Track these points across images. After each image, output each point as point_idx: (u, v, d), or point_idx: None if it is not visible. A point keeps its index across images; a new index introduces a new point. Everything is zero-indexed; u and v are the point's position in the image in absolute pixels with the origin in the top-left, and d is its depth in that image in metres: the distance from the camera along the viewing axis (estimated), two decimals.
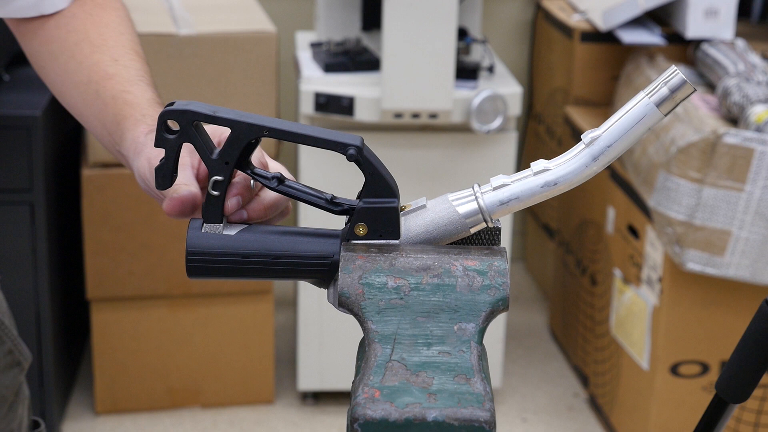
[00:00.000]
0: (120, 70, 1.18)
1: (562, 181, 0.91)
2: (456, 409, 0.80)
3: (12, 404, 1.34)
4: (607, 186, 2.92)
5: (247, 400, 3.06)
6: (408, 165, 2.81)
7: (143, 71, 1.19)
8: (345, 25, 2.95)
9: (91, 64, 1.19)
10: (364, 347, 0.86)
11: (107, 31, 1.23)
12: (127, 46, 1.22)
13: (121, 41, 1.22)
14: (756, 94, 2.55)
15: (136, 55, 1.22)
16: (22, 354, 1.34)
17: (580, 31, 3.16)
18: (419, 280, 0.87)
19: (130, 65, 1.19)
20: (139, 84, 1.16)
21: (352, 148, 0.90)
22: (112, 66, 1.18)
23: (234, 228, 0.93)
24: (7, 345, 1.31)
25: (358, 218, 0.91)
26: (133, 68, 1.19)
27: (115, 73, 1.17)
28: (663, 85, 0.88)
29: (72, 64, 1.21)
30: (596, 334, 3.04)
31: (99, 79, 1.17)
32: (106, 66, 1.18)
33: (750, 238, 2.48)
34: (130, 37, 1.24)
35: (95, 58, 1.20)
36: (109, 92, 1.15)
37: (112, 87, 1.16)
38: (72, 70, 1.21)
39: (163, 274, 2.90)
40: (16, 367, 1.33)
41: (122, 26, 1.25)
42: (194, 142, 0.92)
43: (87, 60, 1.20)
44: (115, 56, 1.20)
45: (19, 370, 1.34)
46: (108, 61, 1.19)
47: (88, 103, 1.18)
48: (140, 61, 1.21)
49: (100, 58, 1.20)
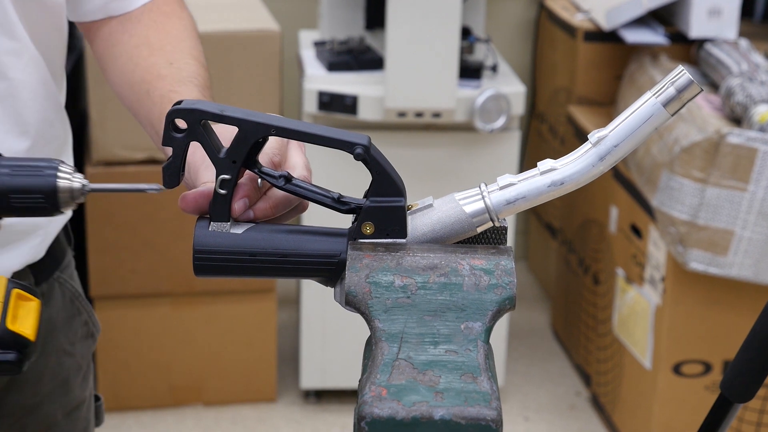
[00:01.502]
0: (173, 71, 1.20)
1: (568, 181, 0.91)
2: (463, 408, 0.80)
3: (85, 374, 1.40)
4: (610, 185, 2.92)
5: (250, 398, 3.06)
6: (411, 164, 2.82)
7: (197, 74, 1.21)
8: (348, 24, 2.95)
9: (147, 66, 1.22)
10: (371, 346, 0.86)
11: (168, 37, 1.27)
12: (185, 51, 1.25)
13: (180, 47, 1.25)
14: (759, 93, 2.55)
15: (194, 59, 1.24)
16: (95, 326, 1.42)
17: (583, 30, 3.16)
18: (426, 278, 0.87)
19: (183, 68, 1.21)
20: (187, 84, 1.18)
21: (359, 147, 0.90)
22: (165, 68, 1.21)
23: (241, 226, 0.93)
24: (83, 316, 1.39)
25: (365, 217, 0.91)
26: (186, 71, 1.21)
27: (167, 74, 1.20)
28: (670, 85, 0.88)
29: (130, 65, 1.24)
30: (599, 333, 3.04)
31: (151, 79, 1.20)
32: (160, 68, 1.21)
33: (753, 237, 2.48)
34: (190, 44, 1.27)
35: (152, 60, 1.23)
36: (158, 91, 1.18)
37: (161, 86, 1.18)
38: (129, 70, 1.24)
39: (165, 272, 2.90)
40: (90, 338, 1.41)
41: (184, 33, 1.28)
42: (202, 141, 0.92)
43: (144, 62, 1.23)
44: (171, 60, 1.23)
45: (92, 341, 1.41)
46: (163, 63, 1.22)
47: (140, 102, 1.21)
48: (196, 66, 1.23)
49: (156, 60, 1.23)
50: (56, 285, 1.35)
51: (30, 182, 0.91)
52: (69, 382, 1.37)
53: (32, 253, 1.28)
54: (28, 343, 0.98)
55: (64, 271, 1.36)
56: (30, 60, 1.21)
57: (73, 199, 0.92)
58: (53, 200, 0.91)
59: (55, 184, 0.91)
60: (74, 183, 0.91)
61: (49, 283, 1.33)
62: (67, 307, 1.36)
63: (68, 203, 0.92)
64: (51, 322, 1.33)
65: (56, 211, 0.92)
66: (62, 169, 0.91)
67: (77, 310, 1.38)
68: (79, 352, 1.38)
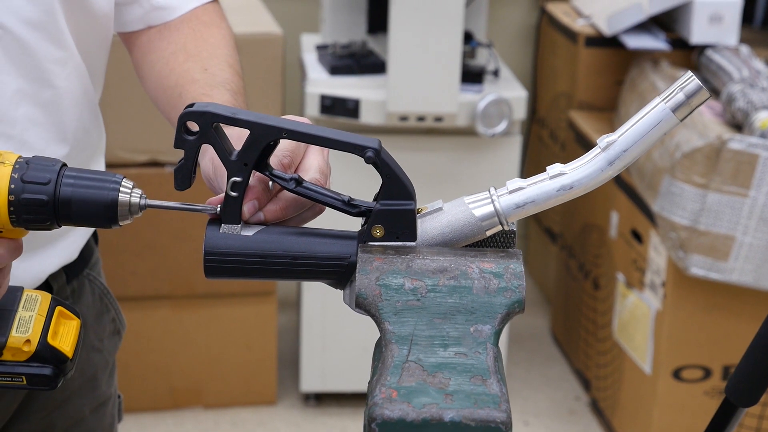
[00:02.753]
0: (206, 76, 1.22)
1: (578, 185, 0.92)
2: (473, 410, 0.81)
3: (111, 370, 1.42)
4: (611, 190, 2.93)
5: (250, 401, 3.07)
6: (413, 168, 2.81)
7: (230, 81, 1.23)
8: (351, 28, 2.96)
9: (181, 71, 1.24)
10: (381, 348, 0.86)
11: (205, 44, 1.29)
12: (221, 58, 1.27)
13: (216, 54, 1.27)
14: (760, 99, 2.56)
15: (229, 67, 1.26)
16: (122, 323, 1.44)
17: (584, 35, 3.17)
18: (436, 281, 0.88)
19: (217, 74, 1.23)
20: (219, 89, 1.20)
21: (370, 151, 0.90)
22: (200, 73, 1.23)
23: (252, 229, 0.94)
24: (111, 313, 1.42)
25: (375, 220, 0.92)
26: (219, 76, 1.23)
27: (200, 78, 1.22)
28: (679, 90, 0.89)
29: (165, 71, 1.26)
30: (598, 338, 3.05)
31: (185, 83, 1.22)
32: (194, 73, 1.23)
33: (754, 243, 2.49)
34: (226, 51, 1.29)
35: (187, 65, 1.25)
36: (191, 95, 1.19)
37: (194, 90, 1.20)
38: (165, 75, 1.26)
39: (166, 275, 2.90)
40: (117, 335, 1.43)
41: (221, 42, 1.30)
42: (213, 144, 0.92)
43: (179, 68, 1.25)
44: (206, 66, 1.25)
45: (118, 338, 1.44)
46: (197, 69, 1.24)
47: (172, 106, 1.23)
48: (231, 72, 1.25)
49: (192, 66, 1.25)
50: (86, 282, 1.37)
51: (93, 194, 0.94)
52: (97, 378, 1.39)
53: (67, 255, 1.30)
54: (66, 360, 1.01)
55: (93, 268, 1.39)
56: (74, 69, 1.23)
57: (131, 214, 0.96)
58: (112, 213, 0.94)
59: (116, 198, 0.94)
60: (133, 198, 0.95)
61: (79, 280, 1.35)
62: (97, 304, 1.39)
63: (125, 217, 0.95)
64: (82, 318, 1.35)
65: (114, 224, 0.95)
66: (124, 184, 0.95)
67: (106, 307, 1.41)
68: (107, 349, 1.41)
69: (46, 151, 1.20)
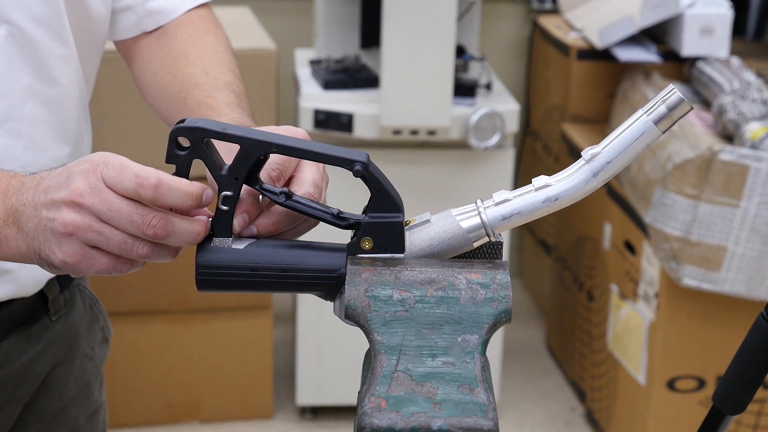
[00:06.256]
0: (209, 80, 1.24)
1: (563, 197, 0.93)
2: (460, 418, 0.82)
3: (102, 378, 1.44)
4: (604, 202, 2.94)
5: (246, 415, 3.07)
6: (406, 181, 2.84)
7: (233, 83, 1.25)
8: (344, 43, 2.97)
9: (184, 77, 1.26)
10: (370, 358, 0.88)
11: (204, 49, 1.30)
12: (220, 62, 1.29)
13: (216, 58, 1.29)
14: (751, 111, 2.58)
15: (229, 70, 1.28)
16: (109, 331, 1.46)
17: (576, 48, 3.18)
18: (424, 292, 0.89)
19: (219, 77, 1.25)
20: (223, 90, 1.22)
21: (358, 164, 0.92)
22: (202, 77, 1.25)
23: (243, 242, 0.95)
24: (101, 321, 1.44)
25: (364, 233, 0.93)
26: (221, 79, 1.25)
27: (203, 82, 1.24)
28: (661, 103, 0.90)
29: (168, 78, 1.28)
30: (593, 349, 3.06)
31: (188, 88, 1.24)
32: (197, 77, 1.25)
33: (746, 254, 2.50)
34: (225, 56, 1.31)
35: (188, 70, 1.26)
36: (195, 98, 1.21)
37: (198, 94, 1.22)
38: (167, 82, 1.27)
39: (162, 289, 2.91)
40: (105, 342, 1.45)
41: (219, 47, 1.32)
42: (204, 159, 0.94)
43: (181, 73, 1.26)
44: (207, 69, 1.26)
45: (107, 346, 1.46)
46: (199, 73, 1.26)
47: (176, 111, 1.24)
48: (232, 76, 1.27)
49: (193, 70, 1.26)
50: (77, 292, 1.39)
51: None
52: (90, 386, 1.41)
53: None
54: None
55: (82, 278, 1.41)
56: (74, 68, 1.25)
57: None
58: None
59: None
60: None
61: (71, 290, 1.37)
62: (88, 312, 1.41)
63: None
64: (75, 327, 1.38)
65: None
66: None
67: (95, 316, 1.43)
68: (98, 357, 1.43)
69: (50, 149, 1.22)
